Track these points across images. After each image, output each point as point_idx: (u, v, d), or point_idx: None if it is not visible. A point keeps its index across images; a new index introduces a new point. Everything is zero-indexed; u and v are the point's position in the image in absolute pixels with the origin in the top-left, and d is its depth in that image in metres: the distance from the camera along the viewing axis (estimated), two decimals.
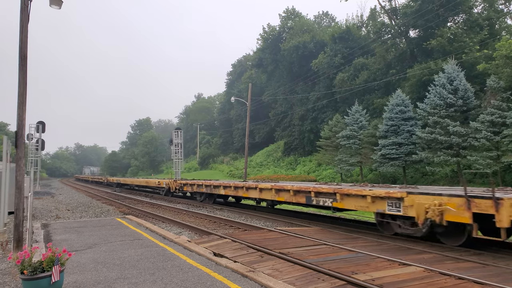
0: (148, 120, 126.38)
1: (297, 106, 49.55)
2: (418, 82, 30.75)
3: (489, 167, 21.02)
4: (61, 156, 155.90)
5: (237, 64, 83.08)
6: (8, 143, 9.74)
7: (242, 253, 7.89)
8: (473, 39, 29.22)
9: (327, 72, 43.69)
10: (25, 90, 8.33)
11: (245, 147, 36.67)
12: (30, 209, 9.61)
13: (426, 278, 5.92)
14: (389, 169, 27.45)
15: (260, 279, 5.69)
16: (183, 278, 5.90)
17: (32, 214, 10.63)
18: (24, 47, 8.38)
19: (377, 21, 42.18)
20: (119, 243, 8.96)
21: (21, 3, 8.32)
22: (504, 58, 22.25)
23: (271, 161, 53.22)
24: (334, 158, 32.52)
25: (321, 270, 6.37)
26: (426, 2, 32.83)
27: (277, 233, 10.35)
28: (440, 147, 23.58)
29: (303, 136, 46.82)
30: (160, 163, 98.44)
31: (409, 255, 7.63)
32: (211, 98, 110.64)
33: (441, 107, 24.16)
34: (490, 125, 21.41)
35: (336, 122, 34.33)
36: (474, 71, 27.00)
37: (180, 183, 24.67)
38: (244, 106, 56.24)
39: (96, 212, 18.18)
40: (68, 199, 27.77)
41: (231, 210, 18.14)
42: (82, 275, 6.15)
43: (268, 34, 57.40)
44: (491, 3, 33.09)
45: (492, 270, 6.59)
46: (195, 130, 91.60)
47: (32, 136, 38.32)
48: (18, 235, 8.12)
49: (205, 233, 11.37)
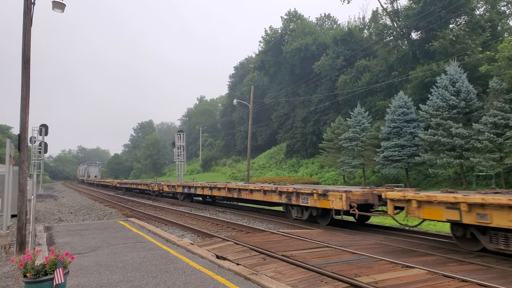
0: (150, 123, 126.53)
1: (299, 108, 49.55)
2: (421, 84, 30.72)
3: (492, 169, 20.94)
4: (64, 159, 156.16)
5: (239, 67, 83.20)
6: (11, 146, 9.77)
7: (245, 256, 7.87)
8: (476, 41, 29.17)
9: (329, 74, 43.69)
10: (28, 93, 8.36)
11: (247, 150, 36.68)
12: (33, 212, 9.65)
13: (430, 281, 5.89)
14: (391, 171, 27.40)
15: (262, 281, 5.67)
16: (186, 281, 5.89)
17: (35, 217, 10.67)
18: (27, 50, 8.42)
19: (379, 23, 42.19)
20: (121, 246, 8.96)
21: (24, 6, 8.36)
22: (507, 60, 22.21)
23: (273, 164, 53.19)
24: (337, 160, 32.48)
25: (324, 272, 6.35)
26: (428, 4, 32.83)
27: (280, 235, 10.33)
28: (443, 149, 23.52)
29: (305, 138, 46.79)
30: (162, 166, 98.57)
31: (412, 258, 7.59)
32: (213, 101, 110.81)
33: (444, 109, 24.11)
34: (493, 127, 21.34)
35: (338, 124, 34.31)
36: (477, 72, 26.96)
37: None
38: (246, 108, 56.30)
39: (99, 215, 18.20)
40: (71, 202, 27.83)
41: (234, 213, 18.13)
42: (85, 278, 6.16)
43: (270, 36, 57.49)
44: (493, 5, 33.06)
45: (496, 272, 6.55)
46: (197, 132, 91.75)
47: (35, 139, 38.53)
48: (21, 238, 8.13)
49: (208, 235, 11.36)
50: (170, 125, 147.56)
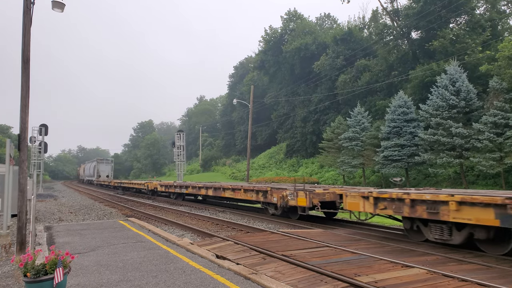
0: (150, 123, 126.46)
1: (299, 108, 49.54)
2: (421, 83, 30.71)
3: (492, 168, 20.94)
4: (64, 159, 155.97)
5: (239, 66, 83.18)
6: (11, 146, 9.77)
7: (245, 255, 7.88)
8: (476, 40, 29.15)
9: (329, 74, 43.69)
10: (27, 93, 8.35)
11: (247, 149, 36.68)
12: (33, 212, 9.65)
13: (429, 280, 5.90)
14: (391, 171, 27.40)
15: (262, 281, 5.68)
16: (186, 281, 5.90)
17: (35, 217, 10.67)
18: (26, 50, 8.42)
19: (379, 22, 42.16)
20: (121, 246, 8.96)
21: (24, 6, 8.36)
22: (507, 59, 22.21)
23: (273, 163, 53.18)
24: (337, 160, 32.47)
25: (324, 272, 6.36)
26: (428, 3, 32.81)
27: (280, 235, 10.34)
28: (443, 149, 23.51)
29: (305, 138, 46.78)
30: (162, 166, 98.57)
31: (412, 257, 7.59)
32: (213, 101, 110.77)
33: (444, 108, 24.10)
34: (493, 127, 21.34)
35: (338, 124, 34.30)
36: (477, 72, 26.94)
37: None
38: (246, 108, 56.31)
39: (99, 215, 18.21)
40: (71, 202, 27.83)
41: (233, 212, 18.14)
42: (85, 278, 6.16)
43: (270, 36, 57.45)
44: (494, 4, 33.02)
45: (496, 272, 6.55)
46: (197, 132, 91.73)
47: (35, 138, 38.51)
48: (21, 238, 8.14)
49: (208, 235, 11.37)
50: (170, 125, 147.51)
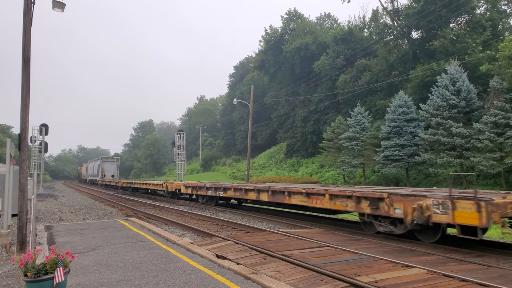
0: (150, 123, 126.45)
1: (299, 108, 49.54)
2: (421, 83, 30.70)
3: (493, 168, 20.93)
4: (64, 159, 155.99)
5: (239, 66, 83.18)
6: (11, 145, 9.78)
7: (245, 255, 7.88)
8: (476, 40, 29.15)
9: (329, 73, 43.68)
10: (28, 93, 8.36)
11: (247, 149, 36.69)
12: (34, 212, 9.66)
13: (430, 280, 5.90)
14: (392, 171, 27.40)
15: (262, 281, 5.68)
16: (186, 280, 5.90)
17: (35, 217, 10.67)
18: (27, 49, 8.42)
19: (379, 22, 42.15)
20: (122, 245, 8.96)
21: (24, 6, 8.36)
22: (507, 59, 22.20)
23: (273, 163, 53.19)
24: (337, 159, 32.48)
25: (324, 272, 6.35)
26: (429, 3, 32.80)
27: (280, 235, 10.33)
28: (443, 149, 23.51)
29: (305, 138, 46.78)
30: (163, 165, 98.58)
31: (412, 257, 7.59)
32: (213, 100, 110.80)
33: (444, 108, 24.10)
34: (493, 126, 21.34)
35: (338, 124, 34.31)
36: (477, 72, 26.93)
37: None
38: (246, 108, 56.32)
39: (99, 214, 18.21)
40: (71, 202, 27.83)
41: (234, 212, 18.14)
42: (85, 277, 6.17)
43: (270, 36, 57.44)
44: (494, 4, 33.02)
45: (496, 272, 6.55)
46: (197, 132, 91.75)
47: (35, 138, 38.49)
48: (22, 238, 8.14)
49: (208, 235, 11.37)
50: (170, 125, 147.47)
